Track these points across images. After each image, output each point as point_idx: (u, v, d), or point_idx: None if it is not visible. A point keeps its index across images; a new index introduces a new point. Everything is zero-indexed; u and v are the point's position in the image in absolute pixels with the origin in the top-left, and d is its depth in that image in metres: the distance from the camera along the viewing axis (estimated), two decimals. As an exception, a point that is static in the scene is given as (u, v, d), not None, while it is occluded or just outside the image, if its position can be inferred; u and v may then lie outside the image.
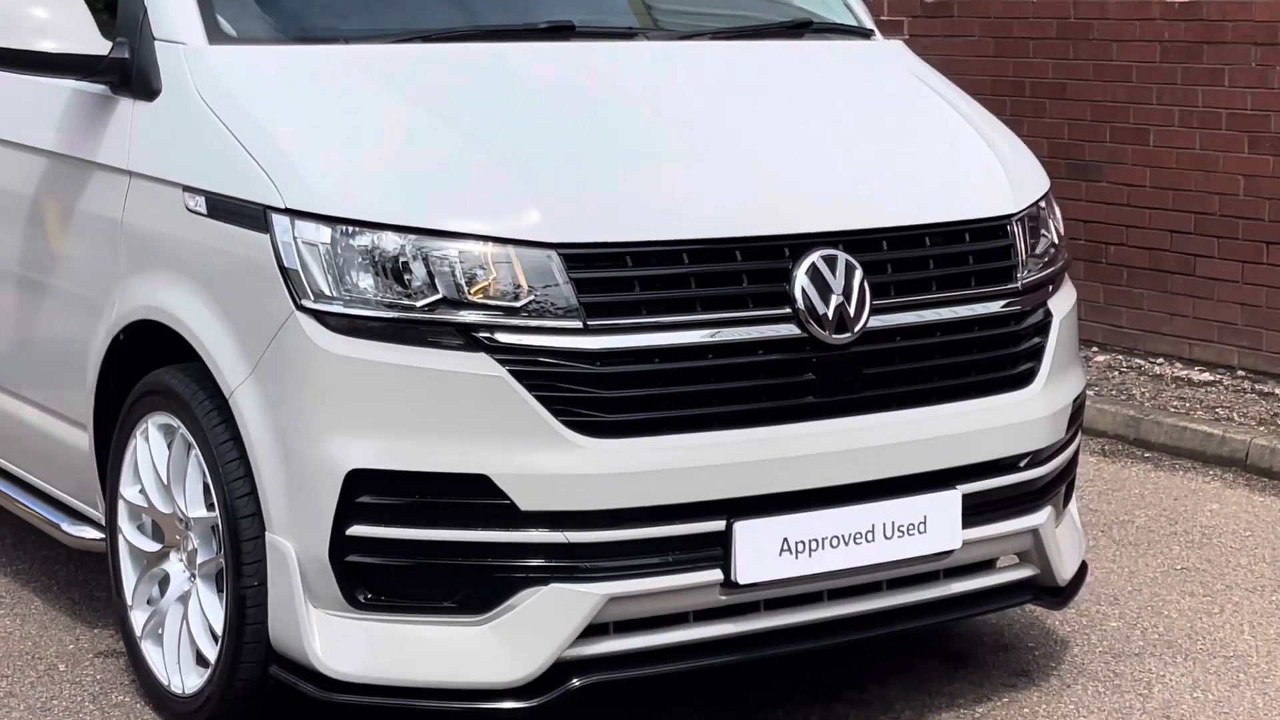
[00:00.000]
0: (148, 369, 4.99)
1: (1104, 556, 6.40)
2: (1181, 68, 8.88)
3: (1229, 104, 8.71)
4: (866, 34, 5.77)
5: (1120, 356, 9.11)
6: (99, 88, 5.09)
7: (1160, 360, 8.99)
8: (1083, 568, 5.34)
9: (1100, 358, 9.12)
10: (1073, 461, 5.26)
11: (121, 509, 5.08)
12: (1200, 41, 8.80)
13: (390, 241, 4.41)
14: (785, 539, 4.54)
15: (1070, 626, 5.71)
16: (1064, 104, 9.42)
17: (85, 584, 5.98)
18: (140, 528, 5.07)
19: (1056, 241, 5.24)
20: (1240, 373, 8.68)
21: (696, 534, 4.48)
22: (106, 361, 5.08)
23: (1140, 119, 9.08)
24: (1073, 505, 5.40)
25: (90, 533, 5.34)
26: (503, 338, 4.37)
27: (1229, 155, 8.73)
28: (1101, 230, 9.30)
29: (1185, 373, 8.76)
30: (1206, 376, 8.66)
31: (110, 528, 5.14)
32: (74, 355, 5.23)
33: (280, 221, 4.48)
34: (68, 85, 5.22)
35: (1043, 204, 5.20)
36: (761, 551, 4.51)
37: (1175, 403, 8.22)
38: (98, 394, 5.14)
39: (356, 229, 4.43)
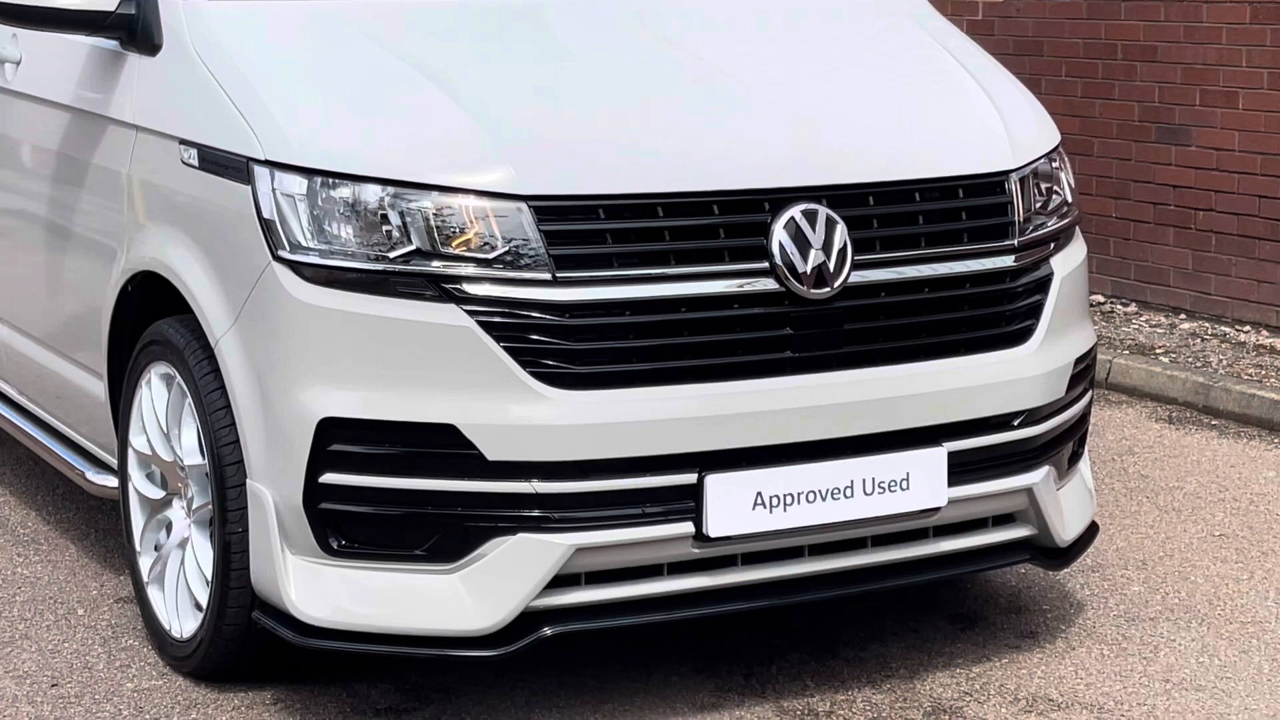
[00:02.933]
0: (155, 320, 5.09)
1: (1143, 522, 6.31)
2: (1271, 29, 8.70)
3: (1319, 66, 8.54)
4: (886, -13, 5.72)
5: (1206, 324, 8.96)
6: (111, 43, 5.20)
7: (1246, 328, 8.83)
8: (1092, 529, 5.27)
9: (1187, 324, 8.98)
10: (1080, 421, 5.19)
11: (131, 457, 5.19)
12: (1290, 2, 8.63)
13: (364, 193, 4.46)
14: (759, 493, 4.53)
15: (1090, 590, 5.64)
16: (1155, 66, 9.26)
17: (122, 532, 6.10)
18: (149, 476, 5.18)
19: (1068, 198, 5.17)
20: (1326, 341, 8.52)
21: (667, 486, 4.49)
22: (117, 312, 5.19)
23: (1230, 81, 8.92)
24: (1083, 465, 5.33)
25: (112, 481, 5.44)
26: (472, 289, 4.40)
27: (1319, 118, 8.56)
28: (1191, 195, 9.14)
29: (1270, 340, 8.59)
30: (1290, 344, 8.50)
31: (121, 475, 5.25)
32: (89, 306, 5.35)
33: (261, 173, 4.55)
34: (86, 42, 5.33)
35: (1052, 160, 5.14)
36: (734, 505, 4.51)
37: (1250, 370, 8.07)
38: (110, 344, 5.25)
39: (332, 181, 4.48)
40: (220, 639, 4.78)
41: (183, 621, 4.96)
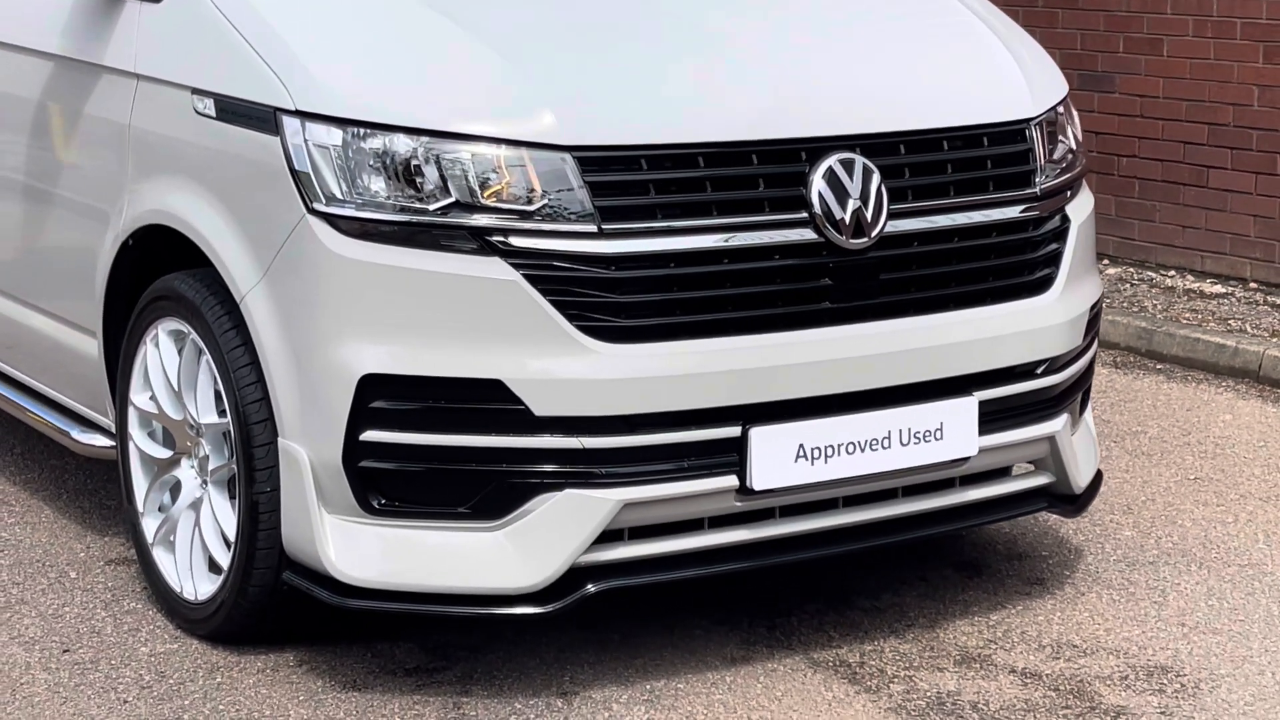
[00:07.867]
0: (156, 275, 4.95)
1: (1117, 467, 6.37)
2: (1196, -24, 8.80)
3: (1244, 13, 8.62)
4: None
5: (1132, 269, 9.06)
6: (106, -11, 5.04)
7: (1172, 273, 8.94)
8: (1098, 476, 5.31)
9: (1112, 270, 9.07)
10: (1089, 369, 5.23)
11: (132, 416, 5.04)
12: (1215, -51, 8.72)
13: (402, 144, 4.36)
14: (801, 445, 4.51)
15: (1084, 536, 5.69)
16: (1077, 13, 9.33)
17: (95, 492, 5.95)
18: (151, 434, 5.04)
19: (1075, 147, 5.19)
20: (1253, 285, 8.63)
21: (712, 440, 4.45)
22: (115, 267, 5.04)
23: (1154, 28, 9.00)
24: (1088, 413, 5.37)
25: (100, 440, 5.30)
26: (516, 241, 4.32)
27: (1243, 65, 8.64)
28: (1114, 142, 9.23)
29: (1197, 285, 8.71)
30: (1218, 289, 8.61)
31: (120, 435, 5.11)
32: (83, 262, 5.18)
33: (290, 124, 4.43)
34: (75, -13, 5.16)
35: (1061, 109, 5.15)
36: (777, 457, 4.48)
37: (1187, 315, 8.17)
38: (107, 300, 5.10)
39: (368, 131, 4.37)
40: (245, 600, 4.67)
41: (197, 584, 4.84)
